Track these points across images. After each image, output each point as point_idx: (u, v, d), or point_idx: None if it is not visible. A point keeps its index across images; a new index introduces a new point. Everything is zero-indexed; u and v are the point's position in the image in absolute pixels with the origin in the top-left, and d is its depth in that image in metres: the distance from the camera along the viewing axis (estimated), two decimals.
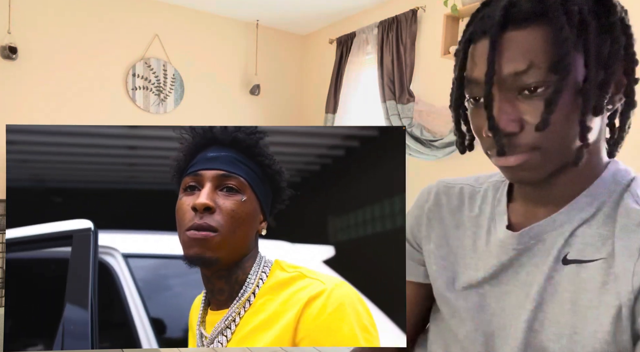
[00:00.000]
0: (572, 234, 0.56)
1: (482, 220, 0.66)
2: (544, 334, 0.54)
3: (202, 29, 3.74)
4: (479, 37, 0.54)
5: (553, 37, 0.49)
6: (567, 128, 0.52)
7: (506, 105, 0.52)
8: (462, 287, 0.64)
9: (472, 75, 0.55)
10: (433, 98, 3.01)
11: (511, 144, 0.53)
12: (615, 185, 0.57)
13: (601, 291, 0.51)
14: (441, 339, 0.67)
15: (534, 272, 0.57)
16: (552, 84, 0.50)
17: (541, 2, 0.50)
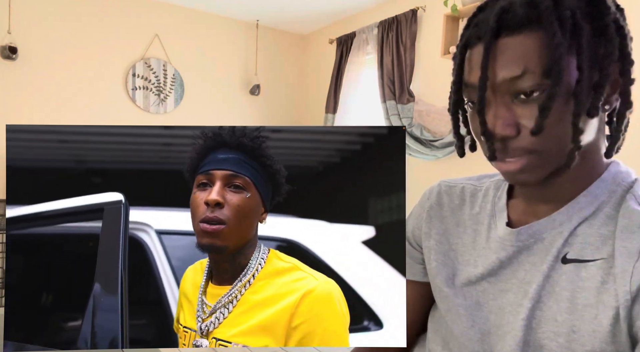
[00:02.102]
0: (572, 234, 0.56)
1: (482, 217, 0.67)
2: (541, 332, 0.55)
3: (202, 29, 3.74)
4: (474, 42, 0.55)
5: (546, 43, 0.50)
6: (563, 131, 0.52)
7: (502, 110, 0.53)
8: (461, 284, 0.65)
9: (469, 80, 0.56)
10: (433, 98, 3.01)
11: (508, 147, 0.54)
12: (616, 186, 0.57)
13: (600, 290, 0.52)
14: (439, 337, 0.68)
15: (532, 271, 0.58)
16: (546, 88, 0.50)
17: (534, 8, 0.51)
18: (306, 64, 4.24)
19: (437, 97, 2.98)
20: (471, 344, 0.61)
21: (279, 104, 4.14)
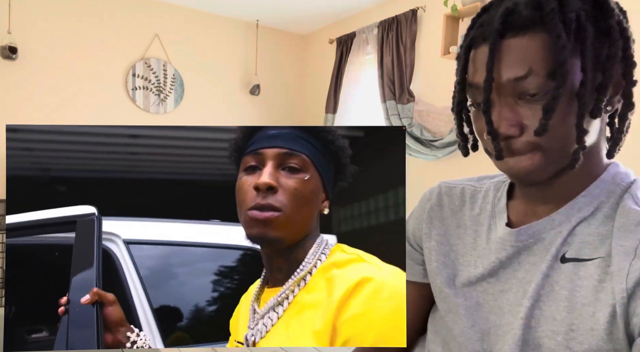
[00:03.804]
0: (570, 233, 0.57)
1: (482, 218, 0.67)
2: (540, 331, 0.55)
3: (202, 29, 3.74)
4: (479, 43, 0.55)
5: (551, 45, 0.50)
6: (566, 131, 0.53)
7: (506, 111, 0.54)
8: (461, 284, 0.65)
9: (473, 80, 0.57)
10: (433, 98, 3.01)
11: (512, 147, 0.55)
12: (615, 186, 0.58)
13: (598, 289, 0.52)
14: (439, 337, 0.68)
15: (532, 270, 0.58)
16: (550, 89, 0.51)
17: (539, 10, 0.51)
18: (306, 64, 4.24)
19: (437, 97, 2.98)
20: (471, 343, 0.61)
21: (279, 104, 4.14)
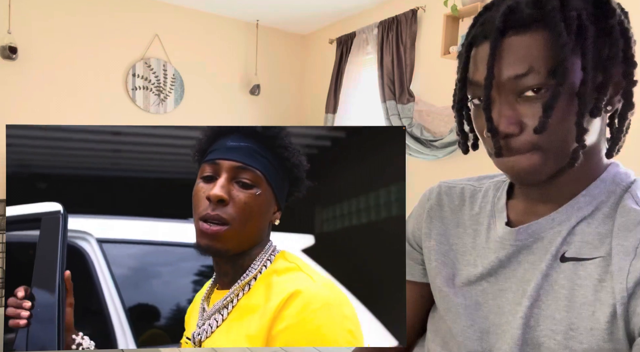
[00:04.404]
0: (570, 233, 0.57)
1: (482, 218, 0.67)
2: (539, 330, 0.55)
3: (202, 29, 3.74)
4: (480, 41, 0.56)
5: (552, 43, 0.51)
6: (566, 130, 0.53)
7: (506, 108, 0.54)
8: (461, 284, 0.65)
9: (473, 78, 0.57)
10: (433, 98, 3.01)
11: (511, 145, 0.55)
12: (615, 186, 0.58)
13: (598, 288, 0.52)
14: (439, 337, 0.68)
15: (531, 270, 0.58)
16: (551, 87, 0.51)
17: (540, 8, 0.52)
18: (306, 64, 4.24)
19: (437, 97, 2.98)
20: (470, 343, 0.61)
21: (279, 104, 4.14)
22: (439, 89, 2.97)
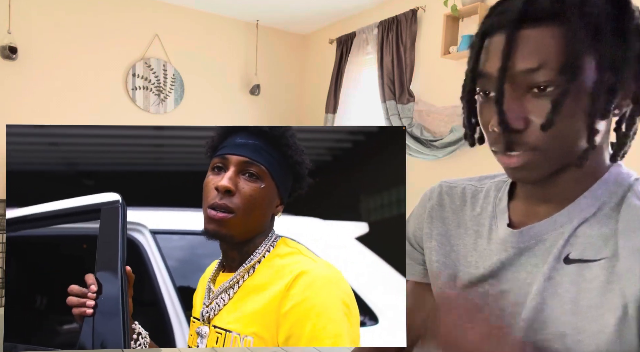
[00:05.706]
0: (572, 234, 0.56)
1: (483, 219, 0.66)
2: (544, 333, 0.54)
3: (202, 29, 3.74)
4: (495, 31, 0.54)
5: (567, 38, 0.50)
6: (571, 129, 0.52)
7: (513, 103, 0.52)
8: (462, 285, 0.64)
9: (484, 69, 0.55)
10: (433, 98, 3.01)
11: (514, 141, 0.53)
12: (617, 187, 0.57)
13: (604, 290, 0.51)
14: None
15: (533, 272, 0.57)
16: (561, 84, 0.50)
17: (560, 2, 0.50)
18: (306, 64, 4.24)
19: (437, 97, 2.98)
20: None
21: (279, 104, 4.14)
22: (439, 89, 2.97)
